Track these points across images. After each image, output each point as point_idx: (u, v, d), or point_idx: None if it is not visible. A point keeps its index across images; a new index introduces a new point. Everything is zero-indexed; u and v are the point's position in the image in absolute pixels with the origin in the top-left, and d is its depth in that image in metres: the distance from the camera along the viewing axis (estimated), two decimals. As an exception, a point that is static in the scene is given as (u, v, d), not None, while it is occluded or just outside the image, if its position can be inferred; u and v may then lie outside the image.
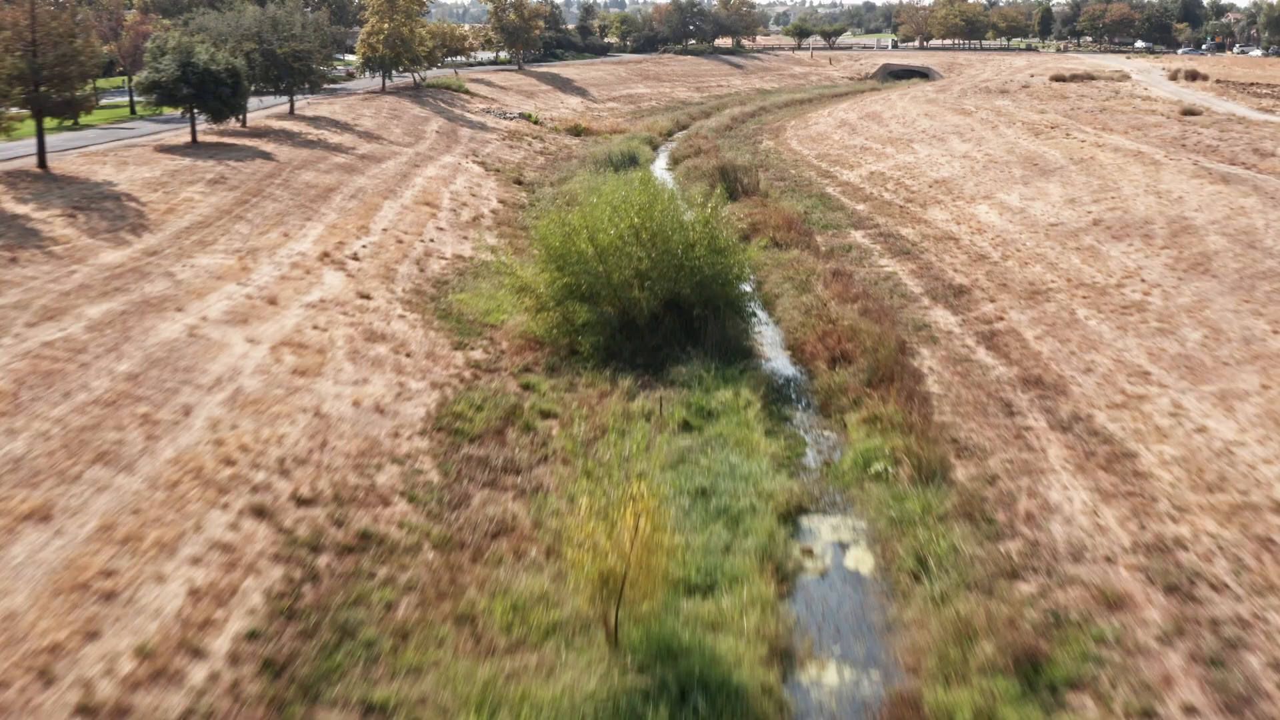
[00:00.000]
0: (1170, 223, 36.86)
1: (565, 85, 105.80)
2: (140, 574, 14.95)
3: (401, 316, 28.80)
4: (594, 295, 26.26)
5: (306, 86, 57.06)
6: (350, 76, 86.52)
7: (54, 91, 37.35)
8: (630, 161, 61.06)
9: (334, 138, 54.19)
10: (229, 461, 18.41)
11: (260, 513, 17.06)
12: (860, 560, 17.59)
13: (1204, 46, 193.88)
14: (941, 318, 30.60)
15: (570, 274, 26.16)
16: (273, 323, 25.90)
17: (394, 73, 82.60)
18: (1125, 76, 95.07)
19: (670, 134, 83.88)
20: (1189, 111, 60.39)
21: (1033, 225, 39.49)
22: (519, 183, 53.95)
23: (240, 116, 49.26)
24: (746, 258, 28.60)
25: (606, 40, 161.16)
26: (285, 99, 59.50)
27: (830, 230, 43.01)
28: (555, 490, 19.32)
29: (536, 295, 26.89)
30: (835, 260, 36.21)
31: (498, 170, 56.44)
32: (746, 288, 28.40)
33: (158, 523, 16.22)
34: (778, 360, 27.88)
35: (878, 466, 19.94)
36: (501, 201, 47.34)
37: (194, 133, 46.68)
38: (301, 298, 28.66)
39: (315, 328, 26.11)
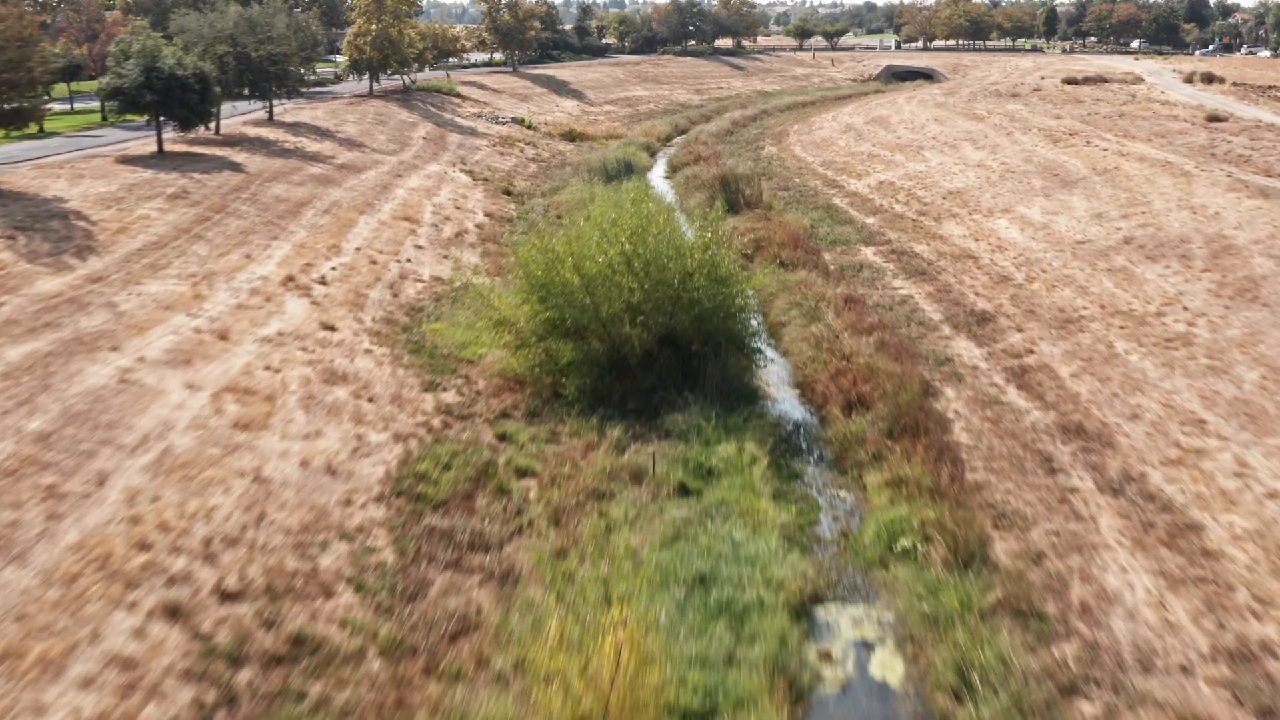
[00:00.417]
0: (1209, 242, 34.16)
1: (561, 88, 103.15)
2: (14, 705, 12.26)
3: (368, 351, 26.11)
4: (580, 331, 23.57)
5: (284, 91, 54.22)
6: (338, 79, 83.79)
7: (1, 101, 34.68)
8: (626, 170, 58.40)
9: (312, 146, 51.50)
10: (144, 545, 15.71)
11: (174, 613, 14.36)
12: (888, 667, 14.89)
13: (1210, 47, 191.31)
14: (965, 350, 27.90)
15: (553, 307, 23.47)
16: (219, 363, 23.19)
17: (383, 76, 79.90)
18: (1139, 79, 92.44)
19: (669, 139, 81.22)
20: (1214, 118, 57.72)
21: (1058, 243, 36.80)
22: (508, 193, 51.27)
23: (210, 124, 46.52)
24: (751, 286, 25.90)
25: (604, 41, 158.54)
26: (264, 104, 56.68)
27: (839, 246, 40.32)
28: (529, 574, 16.62)
29: (516, 330, 24.20)
30: (846, 283, 33.50)
31: (486, 180, 53.77)
32: (751, 319, 25.61)
33: (46, 632, 13.53)
34: (785, 401, 25.17)
35: (905, 543, 17.25)
36: (488, 215, 44.66)
37: (160, 142, 43.99)
38: (257, 331, 25.95)
39: (268, 368, 23.40)
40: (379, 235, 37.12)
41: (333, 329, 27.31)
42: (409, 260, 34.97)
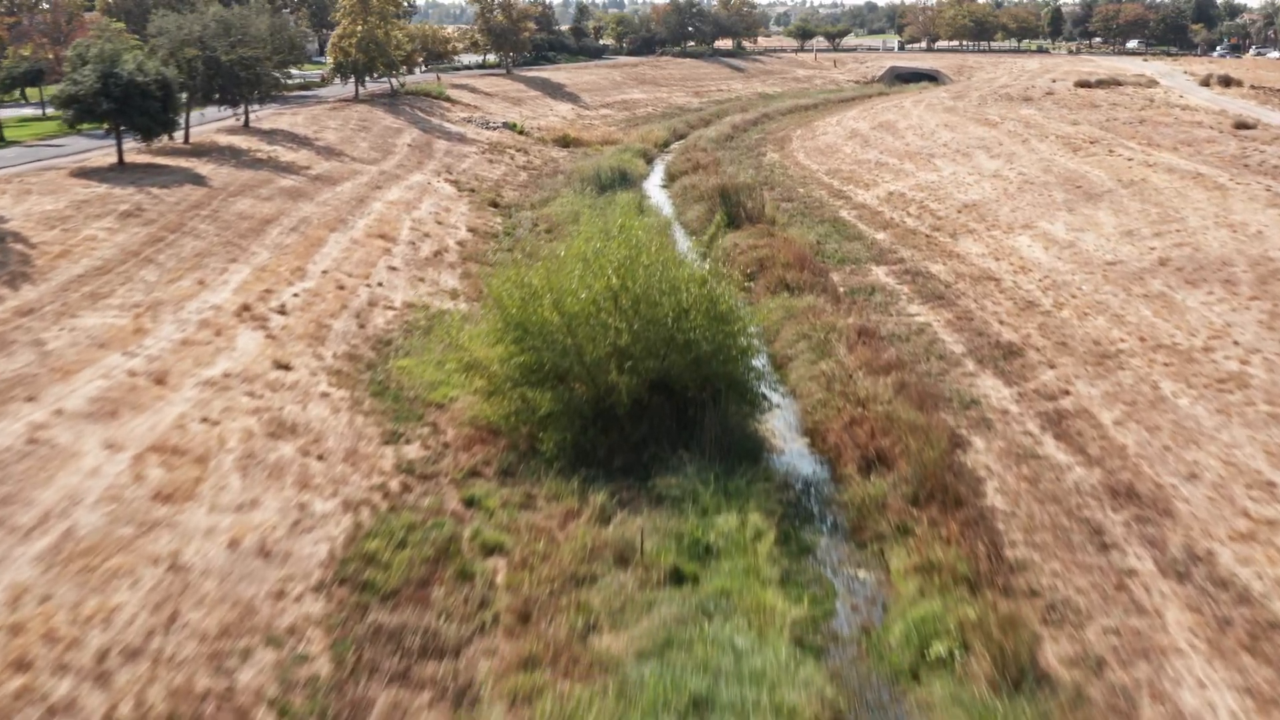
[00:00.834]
0: (1254, 264, 31.50)
1: (555, 91, 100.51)
2: None
3: (325, 395, 23.42)
4: (560, 377, 20.87)
5: (257, 97, 51.49)
6: (325, 82, 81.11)
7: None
8: (620, 179, 55.74)
9: (287, 155, 48.82)
10: (22, 665, 13.03)
11: (45, 761, 11.69)
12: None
13: (1218, 49, 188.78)
14: (993, 389, 25.21)
15: (530, 349, 20.78)
16: (150, 415, 20.49)
17: (369, 79, 77.22)
18: (1152, 82, 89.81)
19: (666, 145, 78.58)
20: (1242, 124, 55.10)
21: (1086, 264, 34.13)
22: (495, 205, 48.57)
23: (174, 133, 43.79)
24: (756, 322, 23.20)
25: (602, 42, 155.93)
26: (240, 110, 53.98)
27: (848, 266, 37.63)
28: (491, 691, 13.93)
29: (489, 375, 21.51)
30: (858, 310, 30.78)
31: (472, 190, 51.08)
32: (755, 359, 22.85)
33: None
34: (793, 454, 22.47)
35: (939, 648, 14.56)
36: (471, 230, 41.96)
37: (120, 153, 41.31)
38: (200, 372, 23.27)
39: (205, 420, 20.71)
40: (350, 256, 34.42)
41: (287, 368, 24.60)
42: (380, 284, 32.25)
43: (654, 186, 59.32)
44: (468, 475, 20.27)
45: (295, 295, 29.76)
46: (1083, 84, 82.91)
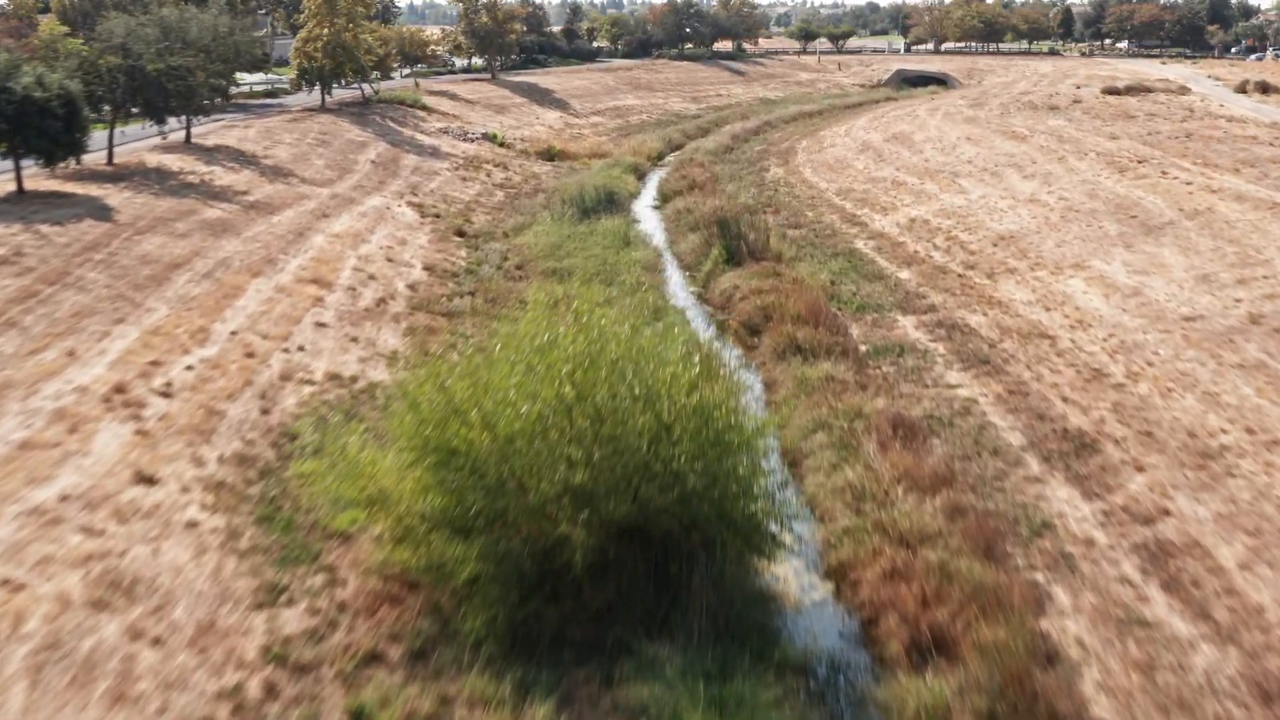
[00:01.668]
0: (1373, 325, 26.01)
1: (543, 97, 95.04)
2: None
3: (192, 526, 17.85)
4: (494, 520, 15.28)
5: (189, 110, 45.82)
6: (297, 87, 75.58)
7: None
8: (607, 201, 50.19)
9: (225, 178, 43.29)
10: None
11: None
12: None
13: (1233, 50, 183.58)
14: (1068, 505, 19.68)
15: (450, 487, 15.21)
16: (-79, 579, 14.93)
17: (339, 85, 71.66)
18: (1184, 89, 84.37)
19: (661, 157, 73.11)
20: (1304, 140, 49.63)
21: (1159, 319, 28.59)
22: (461, 234, 43.01)
23: (79, 156, 38.16)
24: (769, 427, 17.55)
25: (595, 44, 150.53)
26: (169, 126, 48.38)
27: (869, 315, 32.11)
28: None
29: (397, 515, 15.92)
30: (886, 387, 25.19)
31: (437, 216, 45.54)
32: (767, 485, 17.14)
33: None
34: (814, 612, 16.89)
35: None
36: (428, 269, 36.41)
37: (19, 180, 35.79)
38: (29, 494, 17.72)
39: (5, 585, 15.15)
40: (270, 309, 28.85)
41: (152, 481, 19.04)
42: (302, 348, 26.67)
43: (645, 208, 53.81)
44: (363, 663, 14.70)
45: (189, 368, 24.17)
46: (1111, 91, 77.47)
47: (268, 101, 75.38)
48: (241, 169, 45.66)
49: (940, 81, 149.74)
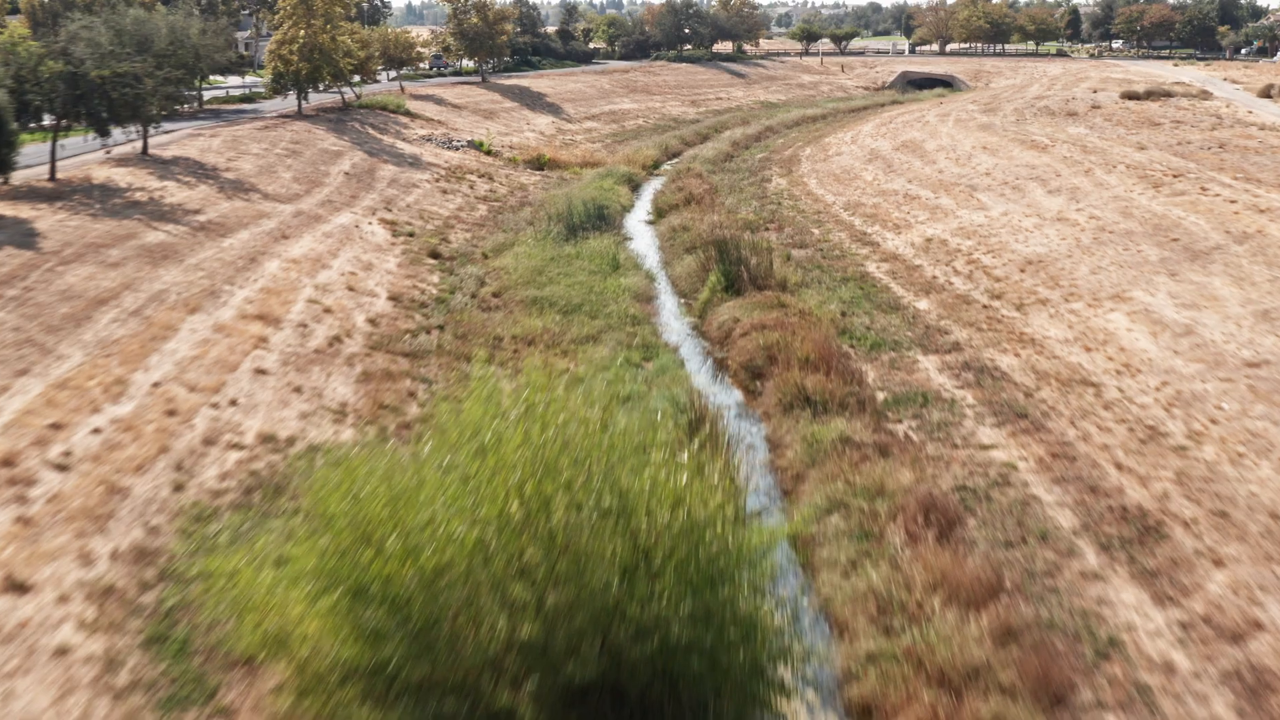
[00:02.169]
0: None
1: (535, 101, 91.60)
2: None
3: (60, 653, 14.40)
4: (420, 681, 11.77)
5: (135, 120, 42.23)
6: (274, 93, 72.02)
7: None
8: (597, 217, 46.76)
9: (177, 194, 39.83)
10: None
11: None
12: None
13: (1243, 51, 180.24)
14: (1136, 611, 16.22)
15: (366, 630, 11.73)
16: None
17: (317, 90, 68.15)
18: (1205, 93, 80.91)
19: (657, 166, 69.71)
20: (1352, 151, 46.15)
21: (1217, 362, 25.13)
22: (436, 256, 39.55)
23: (8, 172, 34.70)
24: (774, 549, 14.07)
25: (592, 45, 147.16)
26: (120, 137, 44.89)
27: (885, 353, 28.64)
28: None
29: (300, 660, 12.43)
30: (912, 457, 21.69)
31: (411, 235, 42.10)
32: (770, 616, 13.65)
33: None
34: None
35: None
36: (394, 299, 32.96)
37: (-62, 199, 32.37)
38: None
39: None
40: (204, 354, 25.38)
41: (23, 590, 15.61)
42: (235, 402, 23.20)
43: (638, 223, 50.38)
44: None
45: (95, 431, 20.71)
46: (1131, 96, 74.04)
47: (243, 107, 71.95)
48: (198, 184, 42.20)
49: (946, 84, 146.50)
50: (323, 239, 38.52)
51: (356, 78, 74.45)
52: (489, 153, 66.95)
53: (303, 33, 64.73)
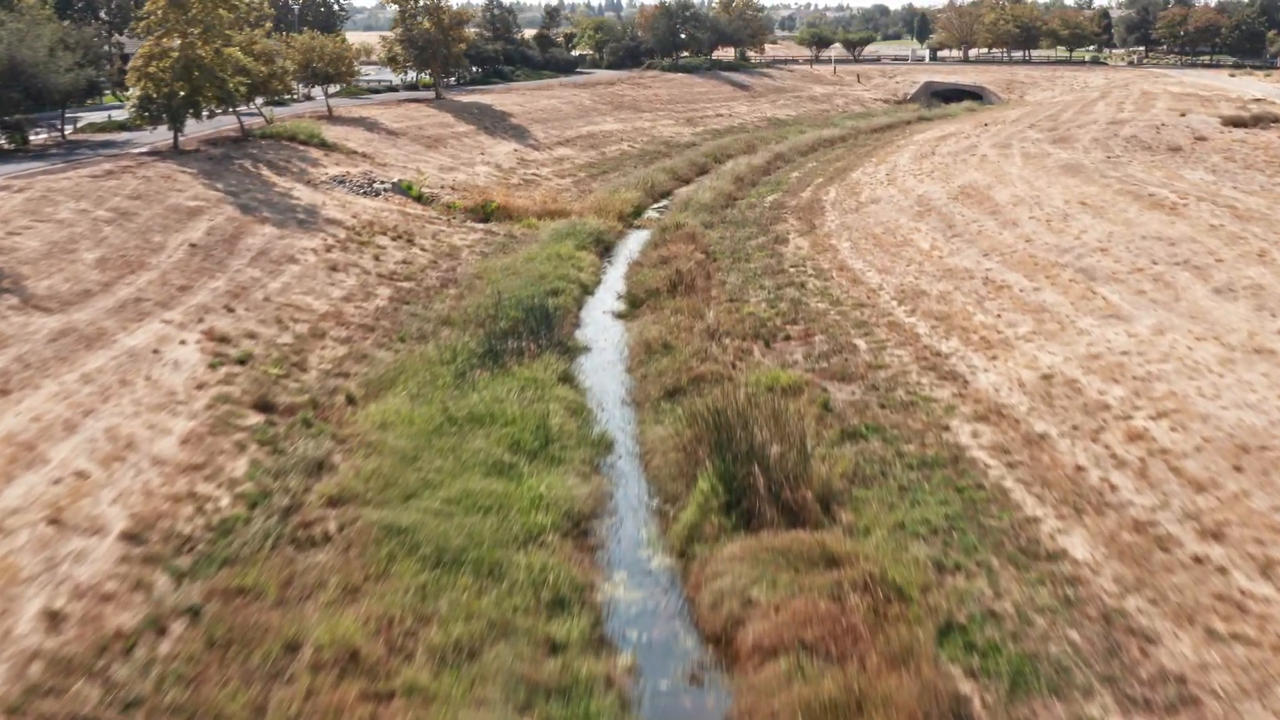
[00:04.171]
0: None
1: (497, 124, 77.57)
2: None
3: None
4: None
5: None
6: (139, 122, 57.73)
7: None
8: (540, 318, 32.56)
9: None
10: None
11: None
12: None
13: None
14: None
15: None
16: None
17: (197, 118, 53.92)
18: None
19: (639, 213, 55.74)
20: None
21: None
22: (266, 407, 25.37)
23: None
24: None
25: (576, 53, 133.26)
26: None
27: (1041, 696, 14.52)
28: None
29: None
30: None
31: (243, 361, 27.96)
32: None
33: None
34: None
35: None
36: (132, 538, 18.75)
37: None
38: None
39: None
40: None
41: None
42: None
43: (603, 317, 36.34)
44: None
45: None
46: (1236, 122, 60.04)
47: (119, 137, 57.86)
48: (-82, 282, 28.08)
49: (975, 96, 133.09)
50: (80, 384, 24.36)
51: (261, 98, 60.44)
52: (418, 198, 52.86)
53: (180, 43, 50.77)
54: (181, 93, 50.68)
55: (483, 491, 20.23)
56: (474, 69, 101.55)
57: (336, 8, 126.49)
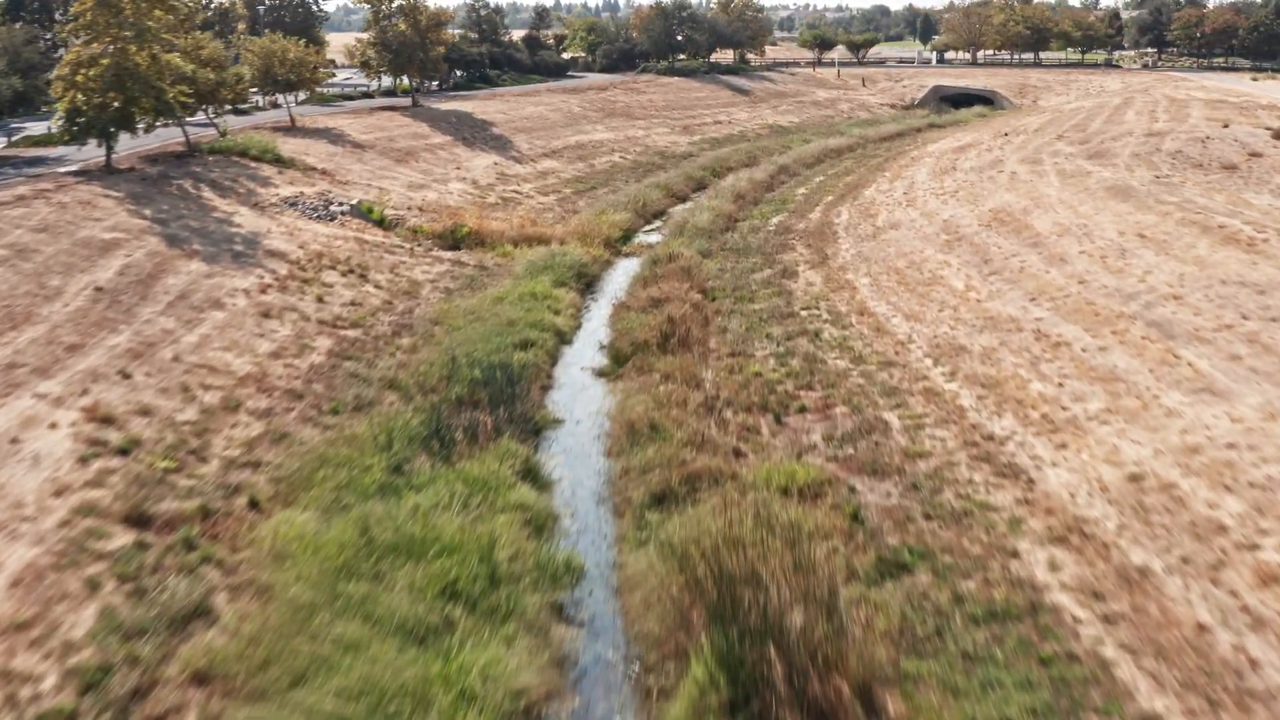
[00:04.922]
0: None
1: (477, 134, 72.22)
2: None
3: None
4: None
5: None
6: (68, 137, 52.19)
7: None
8: (503, 384, 27.17)
9: None
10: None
11: None
12: None
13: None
14: None
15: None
16: None
17: (132, 133, 48.53)
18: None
19: (628, 237, 50.48)
20: None
21: None
22: (142, 521, 20.02)
23: None
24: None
25: (566, 56, 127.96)
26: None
27: None
28: None
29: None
30: None
31: (126, 450, 22.60)
32: None
33: None
34: None
35: None
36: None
37: None
38: None
39: None
40: None
41: None
42: None
43: (580, 376, 30.95)
44: None
45: None
46: (1288, 135, 54.83)
47: (49, 153, 52.58)
48: None
49: (986, 100, 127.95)
50: (-108, 497, 18.92)
51: (210, 107, 55.10)
52: (381, 222, 47.50)
53: (112, 49, 45.46)
54: (114, 104, 45.39)
55: (394, 678, 14.81)
56: (457, 73, 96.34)
57: (315, 8, 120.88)
